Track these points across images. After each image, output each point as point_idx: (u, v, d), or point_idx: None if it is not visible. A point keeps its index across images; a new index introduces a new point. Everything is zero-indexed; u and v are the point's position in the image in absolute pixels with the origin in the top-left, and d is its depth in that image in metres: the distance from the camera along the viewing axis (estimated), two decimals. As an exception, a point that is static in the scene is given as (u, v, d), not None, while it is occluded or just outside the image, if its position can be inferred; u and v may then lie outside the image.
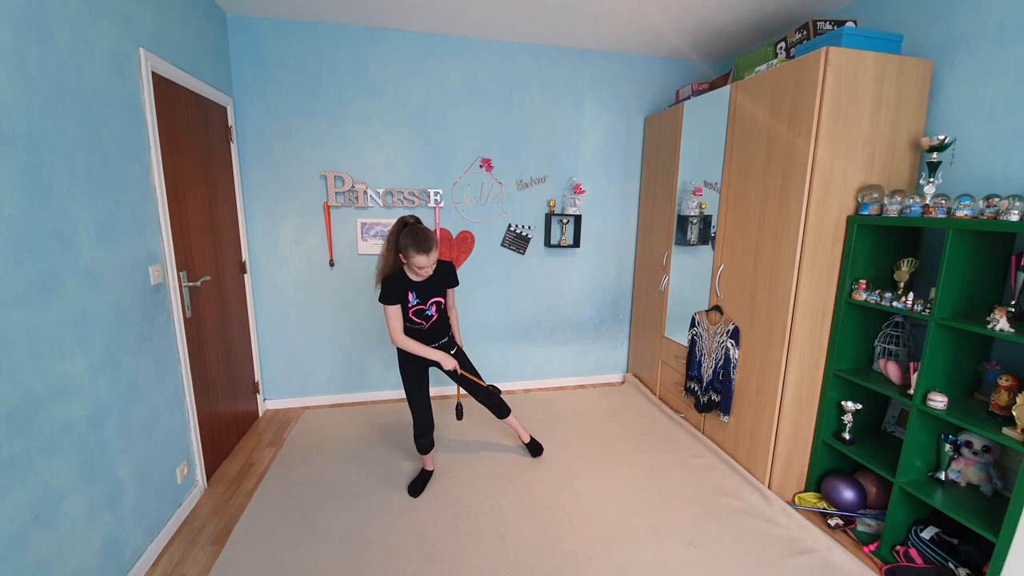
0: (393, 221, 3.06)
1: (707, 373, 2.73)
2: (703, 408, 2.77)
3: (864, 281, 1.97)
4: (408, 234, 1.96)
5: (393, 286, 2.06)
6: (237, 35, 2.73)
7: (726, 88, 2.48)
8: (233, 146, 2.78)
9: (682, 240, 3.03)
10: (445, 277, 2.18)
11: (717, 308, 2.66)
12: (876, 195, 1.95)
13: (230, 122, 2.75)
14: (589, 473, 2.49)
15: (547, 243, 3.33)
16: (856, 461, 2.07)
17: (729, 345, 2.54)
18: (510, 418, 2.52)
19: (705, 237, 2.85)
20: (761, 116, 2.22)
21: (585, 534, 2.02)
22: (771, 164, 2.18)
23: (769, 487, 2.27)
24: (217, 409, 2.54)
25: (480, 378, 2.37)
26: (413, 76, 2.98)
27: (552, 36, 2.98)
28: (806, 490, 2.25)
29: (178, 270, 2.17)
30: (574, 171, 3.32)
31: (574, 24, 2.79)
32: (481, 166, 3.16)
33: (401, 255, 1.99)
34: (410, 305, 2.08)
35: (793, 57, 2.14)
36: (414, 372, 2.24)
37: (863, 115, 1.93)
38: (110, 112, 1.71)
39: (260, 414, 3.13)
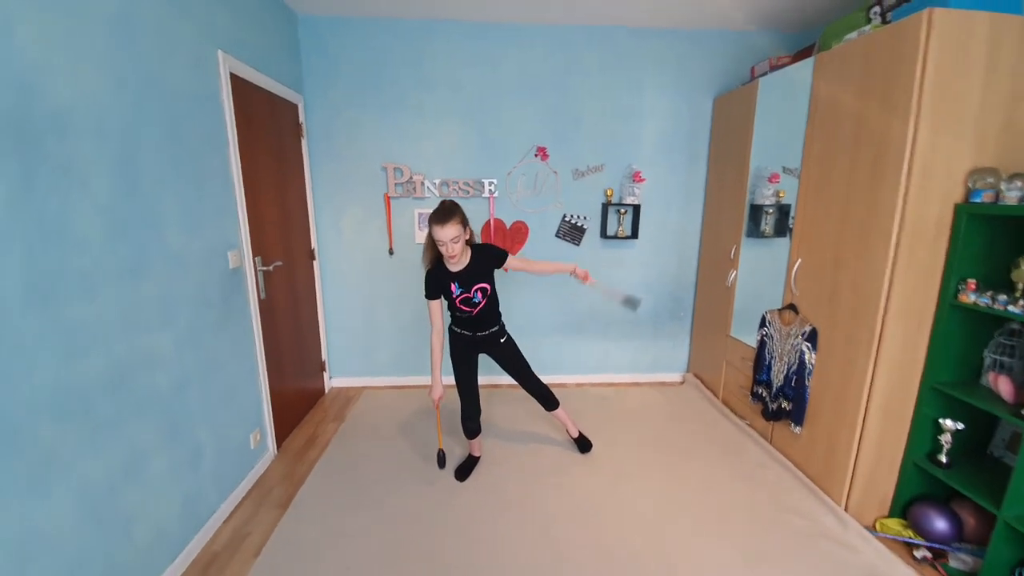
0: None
1: (778, 378, 2.49)
2: (771, 416, 2.54)
3: (973, 281, 1.68)
4: (433, 211, 1.95)
5: (433, 279, 2.07)
6: (307, 34, 2.89)
7: (807, 61, 2.21)
8: (303, 141, 2.97)
9: (755, 231, 2.78)
10: (487, 261, 2.11)
11: (791, 307, 2.41)
12: (990, 180, 1.64)
13: (301, 119, 2.93)
14: (640, 475, 2.38)
15: (603, 234, 3.21)
16: (953, 488, 1.79)
17: (804, 348, 2.29)
18: (559, 411, 2.47)
19: (782, 228, 2.58)
20: (849, 91, 1.95)
21: (631, 536, 1.94)
22: (859, 146, 1.91)
23: (845, 509, 2.03)
24: (287, 384, 2.76)
25: (529, 368, 2.36)
26: (468, 66, 2.98)
27: (612, 16, 2.83)
28: (890, 515, 1.98)
29: (253, 255, 2.36)
30: (633, 158, 3.16)
31: (636, 0, 2.62)
32: (536, 155, 3.10)
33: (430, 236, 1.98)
34: (455, 295, 2.09)
35: (889, 22, 1.85)
36: (462, 356, 2.26)
37: (973, 87, 1.63)
38: (192, 110, 1.88)
39: (326, 391, 3.35)
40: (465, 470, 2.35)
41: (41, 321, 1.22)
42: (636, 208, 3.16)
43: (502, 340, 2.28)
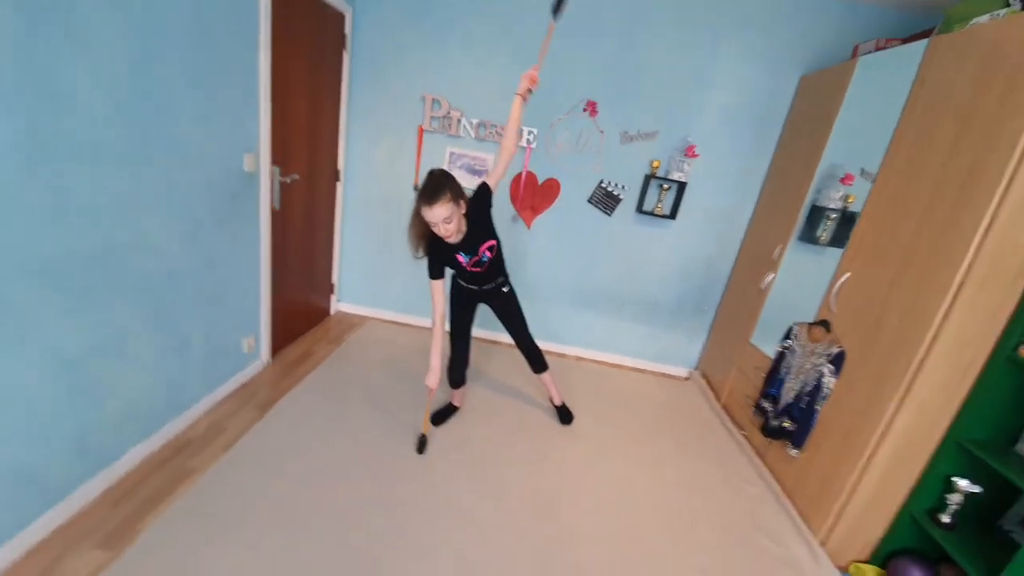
0: (481, 155, 2.97)
1: (787, 395, 2.30)
2: (770, 433, 2.37)
3: (1047, 337, 1.42)
4: (420, 188, 1.73)
5: (436, 258, 1.91)
6: (366, -63, 2.69)
7: (918, 43, 1.85)
8: (346, 55, 2.84)
9: (808, 236, 2.48)
10: (482, 213, 1.88)
11: (823, 323, 2.17)
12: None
13: (346, 30, 2.78)
14: (618, 460, 2.30)
15: (639, 208, 2.98)
16: (946, 551, 1.60)
17: (826, 370, 2.08)
18: (545, 375, 2.40)
19: (841, 237, 2.27)
20: (961, 85, 1.62)
21: (587, 519, 1.89)
22: (957, 153, 1.60)
23: (823, 544, 1.89)
24: (292, 298, 2.79)
25: (525, 324, 2.27)
26: (529, -3, 2.71)
27: (702, -40, 2.47)
28: (868, 562, 1.83)
29: (272, 163, 2.32)
30: (690, 131, 2.86)
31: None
32: (584, 109, 2.86)
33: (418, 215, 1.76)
34: (464, 264, 1.96)
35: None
36: (462, 305, 2.20)
37: None
38: (224, 6, 1.78)
39: (331, 312, 3.40)
40: (442, 416, 2.35)
41: (27, 183, 1.21)
42: (681, 186, 2.89)
43: (504, 290, 2.19)
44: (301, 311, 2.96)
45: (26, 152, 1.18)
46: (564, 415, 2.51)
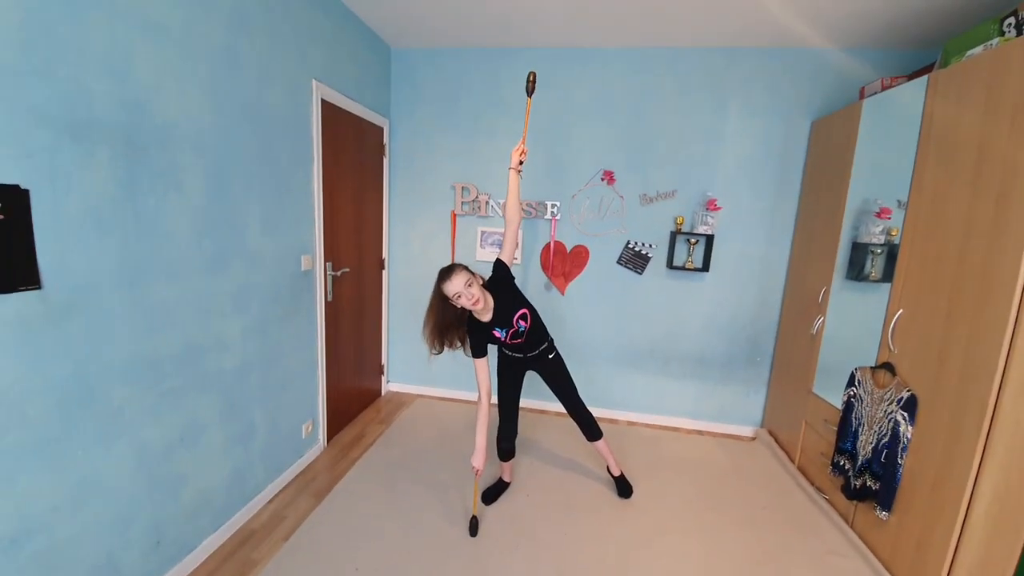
0: (510, 231, 3.19)
1: (864, 449, 2.09)
2: (853, 495, 2.13)
3: None
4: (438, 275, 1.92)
5: (477, 338, 2.00)
6: (398, 65, 3.18)
7: (919, 80, 1.90)
8: (385, 160, 3.23)
9: (856, 273, 2.40)
10: (504, 285, 2.01)
11: (887, 366, 2.03)
12: None
13: (385, 140, 3.20)
14: (682, 534, 2.13)
15: (669, 264, 3.01)
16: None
17: (900, 418, 1.91)
18: (600, 443, 2.31)
19: (891, 272, 2.19)
20: (969, 114, 1.63)
21: (653, 602, 1.74)
22: (981, 177, 1.58)
23: (938, 625, 1.62)
24: (345, 382, 2.95)
25: (575, 390, 2.25)
26: (542, 90, 3.01)
27: (695, 36, 2.71)
28: (1006, 649, 1.53)
29: (325, 260, 2.60)
30: (710, 185, 2.94)
31: (723, 20, 2.48)
32: (603, 179, 3.03)
33: (447, 299, 1.89)
34: (503, 339, 2.03)
35: (1029, 31, 1.53)
36: (508, 376, 2.23)
37: None
38: (283, 130, 2.15)
39: (383, 393, 3.53)
40: (493, 494, 2.30)
41: (126, 300, 1.45)
42: (709, 238, 2.92)
43: (550, 356, 2.21)
44: (354, 393, 3.10)
45: (121, 272, 1.43)
46: (623, 487, 2.38)
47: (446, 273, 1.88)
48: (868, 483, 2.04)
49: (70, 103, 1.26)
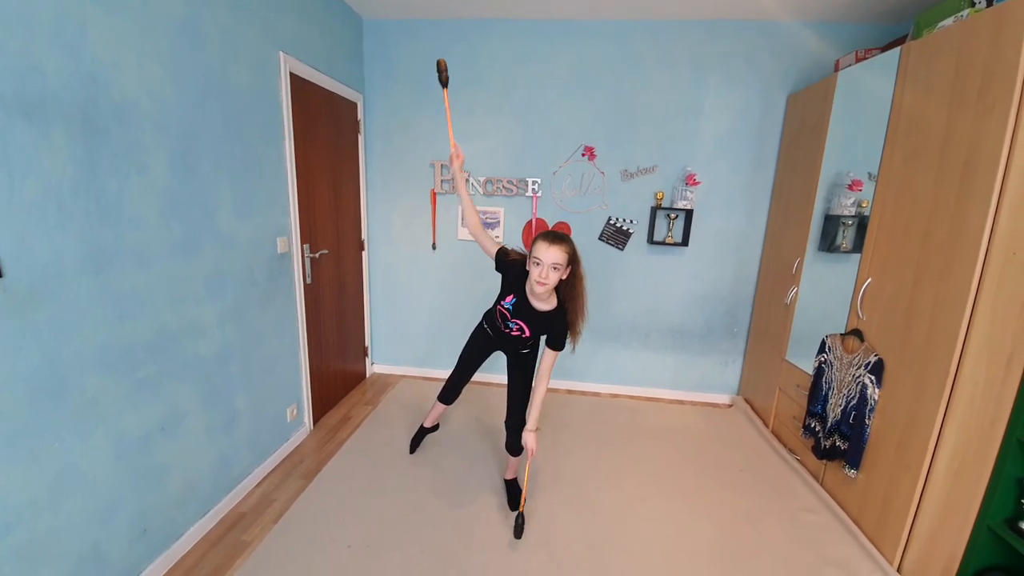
0: (492, 209, 3.15)
1: (834, 412, 2.20)
2: (823, 454, 2.25)
3: (1090, 317, 1.36)
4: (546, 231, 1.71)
5: (511, 265, 1.84)
6: (371, 37, 3.05)
7: (891, 52, 1.93)
8: (360, 137, 3.13)
9: (829, 245, 2.47)
10: (548, 324, 1.83)
11: (856, 333, 2.12)
12: None
13: (359, 116, 3.10)
14: (663, 499, 2.22)
15: (650, 239, 3.04)
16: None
17: (867, 381, 2.00)
18: (514, 458, 2.15)
19: (861, 243, 2.27)
20: (938, 86, 1.67)
21: (638, 565, 1.82)
22: (948, 149, 1.62)
23: (898, 570, 1.74)
24: (328, 365, 2.93)
25: (527, 391, 2.05)
26: (521, 64, 2.96)
27: (675, 9, 2.67)
28: (958, 588, 1.66)
29: (302, 242, 2.54)
30: (689, 160, 2.96)
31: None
32: (583, 155, 3.01)
33: (531, 252, 1.70)
34: (502, 304, 1.91)
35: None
36: (478, 344, 2.15)
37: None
38: (252, 106, 2.06)
39: (367, 375, 3.52)
40: (416, 443, 2.49)
41: (94, 286, 1.40)
42: (688, 213, 2.95)
43: (524, 351, 2.05)
44: (339, 376, 3.08)
45: (87, 258, 1.37)
46: (511, 491, 2.17)
47: (553, 237, 1.63)
48: (837, 443, 2.15)
49: (20, 79, 1.18)
